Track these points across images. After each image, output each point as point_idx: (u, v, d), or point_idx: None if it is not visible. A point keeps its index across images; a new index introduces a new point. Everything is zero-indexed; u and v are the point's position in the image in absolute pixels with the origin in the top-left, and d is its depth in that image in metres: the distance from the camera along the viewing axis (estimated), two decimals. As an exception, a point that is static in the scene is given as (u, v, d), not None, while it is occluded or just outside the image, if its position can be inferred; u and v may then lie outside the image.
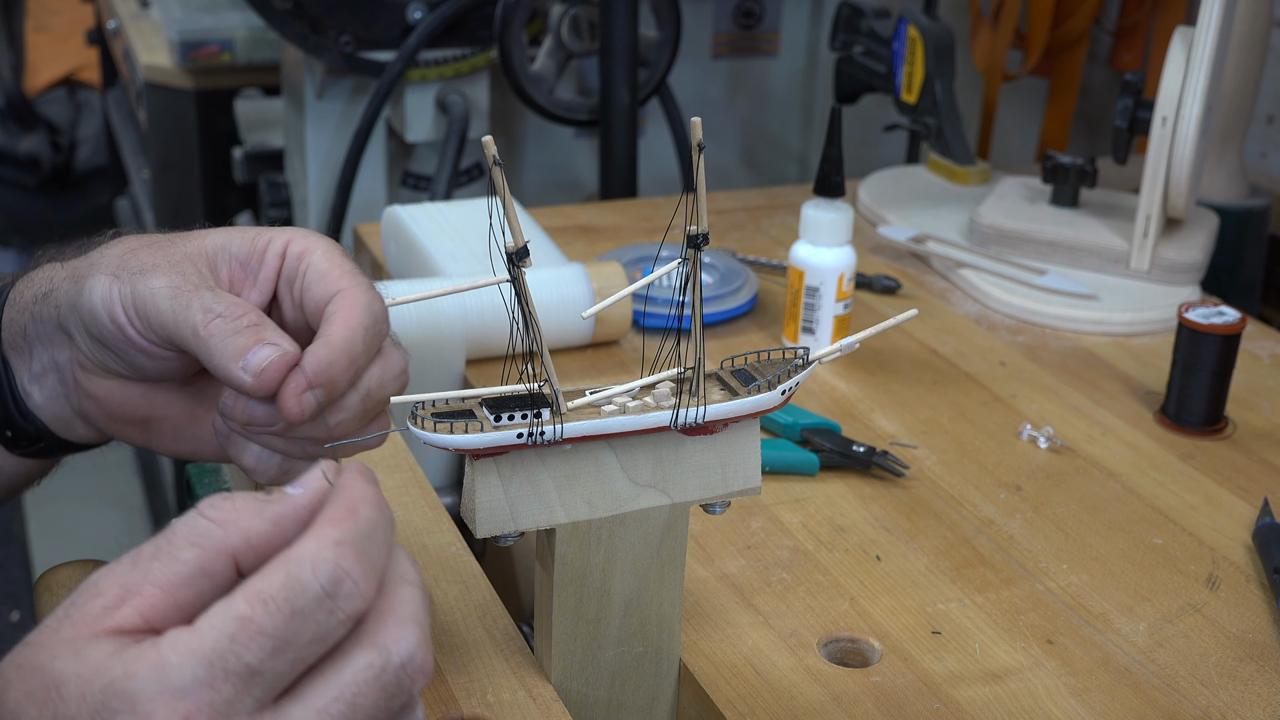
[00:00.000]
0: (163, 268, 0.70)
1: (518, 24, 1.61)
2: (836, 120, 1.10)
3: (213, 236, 0.73)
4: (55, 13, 3.50)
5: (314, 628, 0.51)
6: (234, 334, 0.66)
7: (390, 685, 0.53)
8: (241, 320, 0.67)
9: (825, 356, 0.71)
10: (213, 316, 0.67)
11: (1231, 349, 1.05)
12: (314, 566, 0.51)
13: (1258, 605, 0.87)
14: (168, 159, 2.18)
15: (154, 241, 0.72)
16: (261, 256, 0.72)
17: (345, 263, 0.71)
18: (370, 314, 0.69)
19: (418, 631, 0.54)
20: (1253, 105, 1.42)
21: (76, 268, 0.73)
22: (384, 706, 0.53)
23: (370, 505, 0.55)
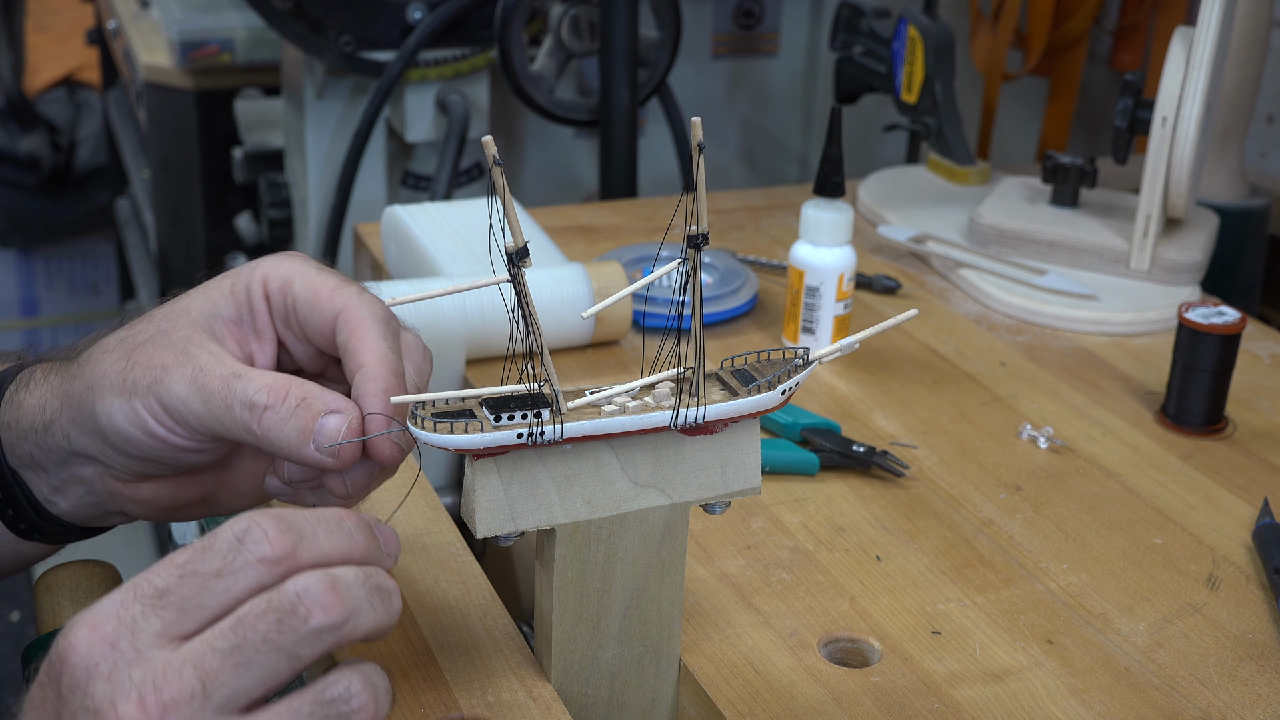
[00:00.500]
0: (173, 367, 0.67)
1: (518, 24, 1.61)
2: (836, 120, 1.10)
3: (196, 305, 0.70)
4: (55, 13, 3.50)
5: (218, 562, 0.56)
6: (288, 419, 0.65)
7: (278, 605, 0.56)
8: (289, 402, 0.66)
9: (825, 356, 0.71)
10: (260, 411, 0.65)
11: (1231, 349, 1.05)
12: (233, 523, 0.57)
13: (1258, 605, 0.87)
14: (168, 159, 2.18)
15: (144, 337, 0.69)
16: (250, 307, 0.70)
17: (325, 279, 0.70)
18: (379, 323, 0.68)
19: (321, 576, 0.57)
20: (1253, 105, 1.42)
21: (70, 392, 0.70)
22: (272, 627, 0.55)
23: (329, 510, 0.60)
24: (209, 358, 0.68)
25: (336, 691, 0.57)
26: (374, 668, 0.59)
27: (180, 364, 0.67)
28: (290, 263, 0.71)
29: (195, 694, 0.54)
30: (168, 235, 2.23)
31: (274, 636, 0.55)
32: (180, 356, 0.68)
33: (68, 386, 0.71)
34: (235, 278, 0.71)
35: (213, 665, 0.55)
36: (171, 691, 0.54)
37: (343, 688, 0.57)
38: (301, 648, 0.56)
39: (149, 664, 0.54)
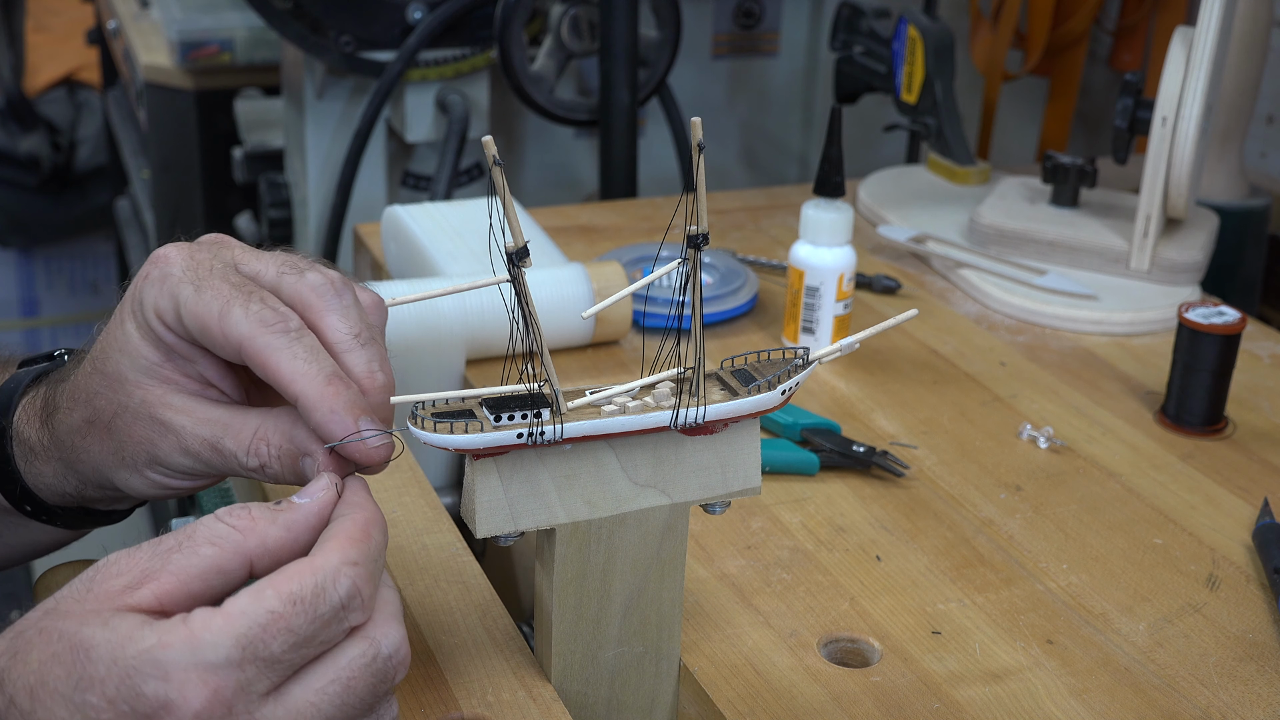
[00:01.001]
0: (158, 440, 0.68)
1: (518, 24, 1.61)
2: (836, 120, 1.10)
3: (123, 368, 0.68)
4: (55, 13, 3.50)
5: (326, 632, 0.58)
6: (281, 472, 0.67)
7: (379, 672, 0.59)
8: (271, 455, 0.67)
9: (825, 356, 0.71)
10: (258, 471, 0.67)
11: (1231, 349, 1.05)
12: (335, 580, 0.58)
13: (1258, 605, 0.87)
14: (168, 159, 2.18)
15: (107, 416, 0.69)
16: (167, 346, 0.68)
17: (206, 303, 0.66)
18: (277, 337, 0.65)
19: (402, 628, 0.60)
20: (1253, 105, 1.42)
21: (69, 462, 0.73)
22: (372, 690, 0.59)
23: (379, 529, 0.62)
24: (184, 419, 0.68)
25: (391, 715, 0.62)
26: None
27: (161, 435, 0.68)
28: (168, 287, 0.67)
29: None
30: (168, 235, 2.21)
31: (370, 698, 0.60)
32: (155, 427, 0.68)
33: (63, 455, 0.73)
34: (134, 318, 0.68)
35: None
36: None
37: (393, 711, 0.62)
38: (384, 700, 0.61)
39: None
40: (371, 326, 0.69)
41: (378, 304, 0.71)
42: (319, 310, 0.67)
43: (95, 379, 0.70)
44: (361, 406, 0.65)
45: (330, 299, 0.67)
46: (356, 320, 0.67)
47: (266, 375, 0.65)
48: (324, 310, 0.67)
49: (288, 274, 0.68)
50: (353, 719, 0.59)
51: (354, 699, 0.59)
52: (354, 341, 0.67)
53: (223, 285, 0.66)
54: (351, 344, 0.67)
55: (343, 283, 0.68)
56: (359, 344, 0.67)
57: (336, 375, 0.65)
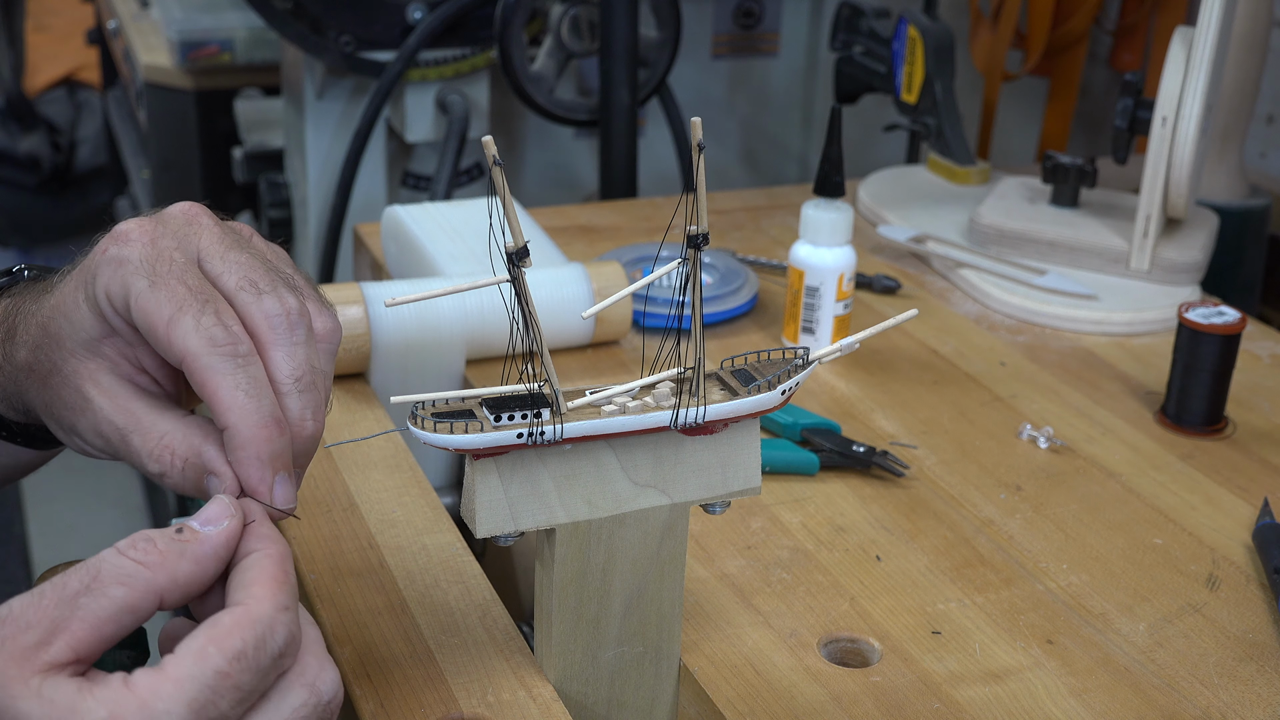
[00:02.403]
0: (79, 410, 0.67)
1: (518, 24, 1.61)
2: (836, 120, 1.10)
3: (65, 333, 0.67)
4: (55, 13, 3.50)
5: (265, 682, 0.58)
6: (183, 481, 0.65)
7: (322, 717, 0.59)
8: (176, 465, 0.65)
9: (825, 356, 0.71)
10: (160, 477, 0.66)
11: (1231, 349, 1.05)
12: (273, 631, 0.58)
13: (1258, 605, 0.87)
14: (168, 159, 2.18)
15: (44, 370, 0.68)
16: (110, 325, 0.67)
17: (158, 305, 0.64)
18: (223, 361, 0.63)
19: (334, 666, 0.60)
20: (1253, 105, 1.42)
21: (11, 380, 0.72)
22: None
23: (290, 562, 0.61)
24: (104, 400, 0.67)
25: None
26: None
27: (83, 407, 0.67)
28: (122, 273, 0.65)
29: None
30: (168, 235, 2.22)
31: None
32: (78, 399, 0.67)
33: (14, 382, 0.72)
34: (84, 288, 0.67)
35: None
36: None
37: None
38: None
39: None
40: (315, 369, 0.66)
41: (331, 332, 0.69)
42: (267, 342, 0.65)
43: (40, 333, 0.69)
44: (286, 460, 0.64)
45: (281, 333, 0.65)
46: (302, 361, 0.65)
47: (204, 396, 0.64)
48: (272, 344, 0.65)
49: (245, 291, 0.66)
50: None
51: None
52: (293, 385, 0.65)
53: (178, 286, 0.64)
54: (290, 387, 0.65)
55: (298, 315, 0.66)
56: (297, 389, 0.65)
57: (275, 419, 0.63)
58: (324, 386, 0.67)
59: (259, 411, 0.63)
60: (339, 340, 0.69)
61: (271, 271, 0.67)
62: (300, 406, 0.65)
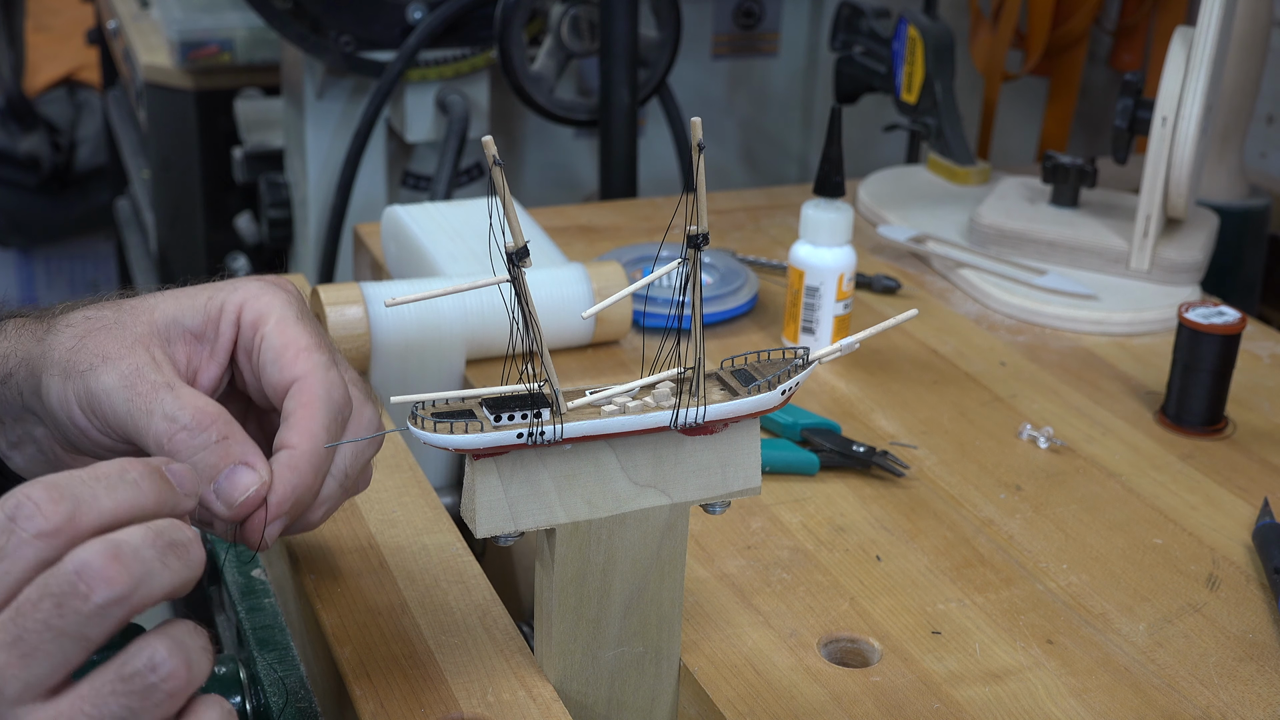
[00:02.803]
0: (113, 358, 0.65)
1: (518, 24, 1.61)
2: (836, 120, 1.10)
3: (163, 307, 0.69)
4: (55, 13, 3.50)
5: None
6: (202, 449, 0.63)
7: (56, 588, 0.52)
8: (210, 433, 0.63)
9: (825, 356, 0.71)
10: (176, 429, 0.63)
11: (1231, 349, 1.05)
12: (4, 500, 0.53)
13: (1258, 605, 0.87)
14: (168, 159, 2.18)
15: (103, 324, 0.68)
16: (216, 326, 0.69)
17: (301, 333, 0.68)
18: (329, 407, 0.66)
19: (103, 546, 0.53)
20: (1253, 105, 1.42)
21: (30, 354, 0.69)
22: (52, 611, 0.52)
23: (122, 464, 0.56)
24: (150, 361, 0.66)
25: (140, 663, 0.53)
26: (186, 627, 0.55)
27: (120, 356, 0.66)
28: (272, 297, 0.68)
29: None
30: (168, 235, 2.23)
31: (55, 621, 0.52)
32: (124, 349, 0.66)
33: (29, 348, 0.69)
34: (214, 292, 0.69)
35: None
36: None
37: (145, 658, 0.53)
38: (88, 627, 0.52)
39: None
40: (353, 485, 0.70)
41: (378, 444, 0.71)
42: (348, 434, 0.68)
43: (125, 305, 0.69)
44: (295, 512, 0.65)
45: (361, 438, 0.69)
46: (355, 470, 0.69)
47: (292, 412, 0.65)
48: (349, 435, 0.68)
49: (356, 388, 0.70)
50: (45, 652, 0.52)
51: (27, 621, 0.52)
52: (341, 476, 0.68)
53: (321, 338, 0.69)
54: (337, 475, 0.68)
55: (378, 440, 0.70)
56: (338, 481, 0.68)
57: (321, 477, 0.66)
58: (343, 499, 0.69)
59: (324, 463, 0.65)
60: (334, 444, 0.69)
61: (370, 390, 0.72)
62: (328, 494, 0.67)
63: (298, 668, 0.83)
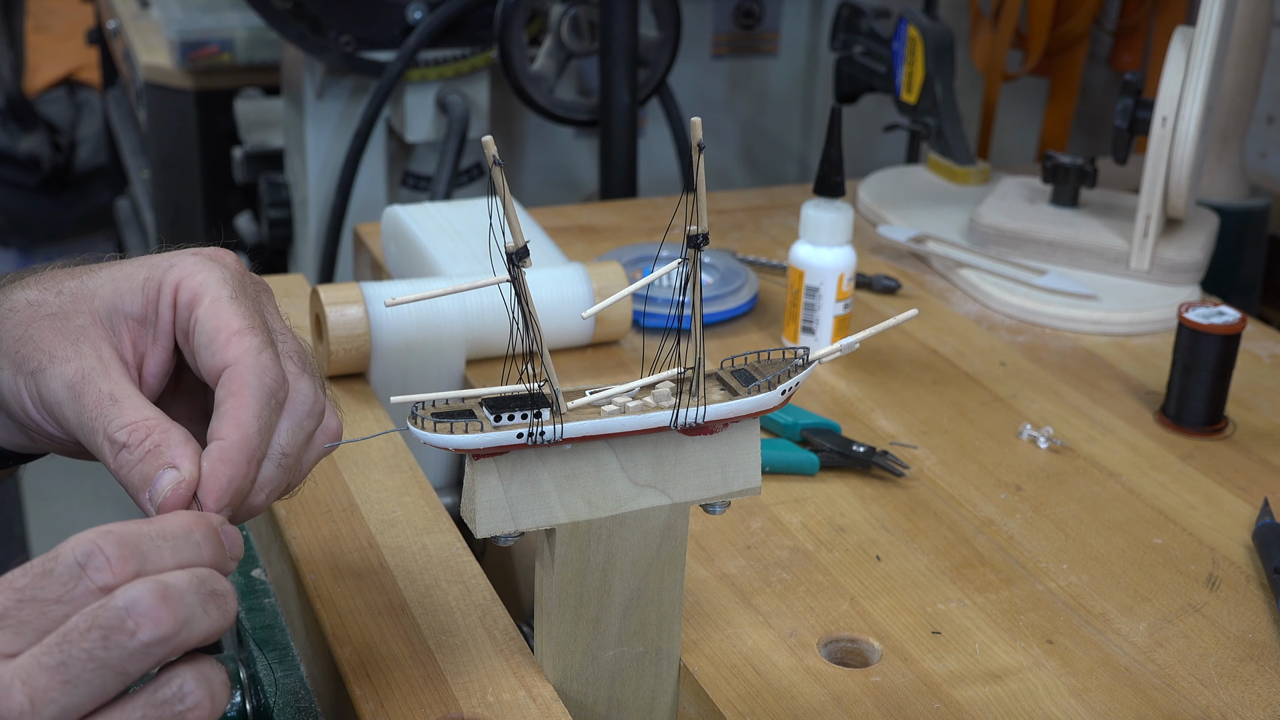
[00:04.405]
0: (60, 358, 0.65)
1: (518, 24, 1.61)
2: (836, 120, 1.10)
3: (102, 293, 0.67)
4: (55, 13, 3.50)
5: (58, 588, 0.55)
6: (137, 463, 0.63)
7: (104, 622, 0.54)
8: (144, 446, 0.63)
9: (825, 356, 0.71)
10: (117, 449, 0.63)
11: (1231, 349, 1.05)
12: (75, 545, 0.55)
13: (1258, 605, 0.87)
14: (168, 159, 2.18)
15: (46, 310, 0.67)
16: (155, 308, 0.67)
17: (235, 314, 0.66)
18: (261, 394, 0.64)
19: (151, 586, 0.55)
20: (1253, 105, 1.42)
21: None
22: (98, 644, 0.54)
23: (180, 521, 0.59)
24: (95, 362, 0.65)
25: (169, 692, 0.56)
26: (209, 661, 0.58)
27: (67, 357, 0.65)
28: (207, 274, 0.67)
29: (25, 712, 0.53)
30: (168, 235, 2.23)
31: (100, 653, 0.54)
32: (70, 348, 0.66)
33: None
34: (150, 270, 0.68)
35: (40, 683, 0.53)
36: (2, 709, 0.53)
37: (175, 687, 0.56)
38: (130, 663, 0.55)
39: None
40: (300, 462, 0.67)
41: (335, 432, 0.70)
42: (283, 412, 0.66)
43: (73, 281, 0.68)
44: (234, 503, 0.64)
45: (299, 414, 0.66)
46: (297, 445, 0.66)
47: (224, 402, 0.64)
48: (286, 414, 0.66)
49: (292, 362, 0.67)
50: (86, 681, 0.54)
51: (74, 650, 0.53)
52: (278, 457, 0.66)
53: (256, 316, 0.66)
54: (275, 456, 0.65)
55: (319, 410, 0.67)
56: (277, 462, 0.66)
57: (257, 465, 0.64)
58: (294, 480, 0.67)
59: (256, 449, 0.64)
60: (334, 444, 0.70)
61: (310, 361, 0.69)
62: (267, 478, 0.65)
63: (298, 668, 0.83)
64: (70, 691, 0.54)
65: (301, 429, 0.67)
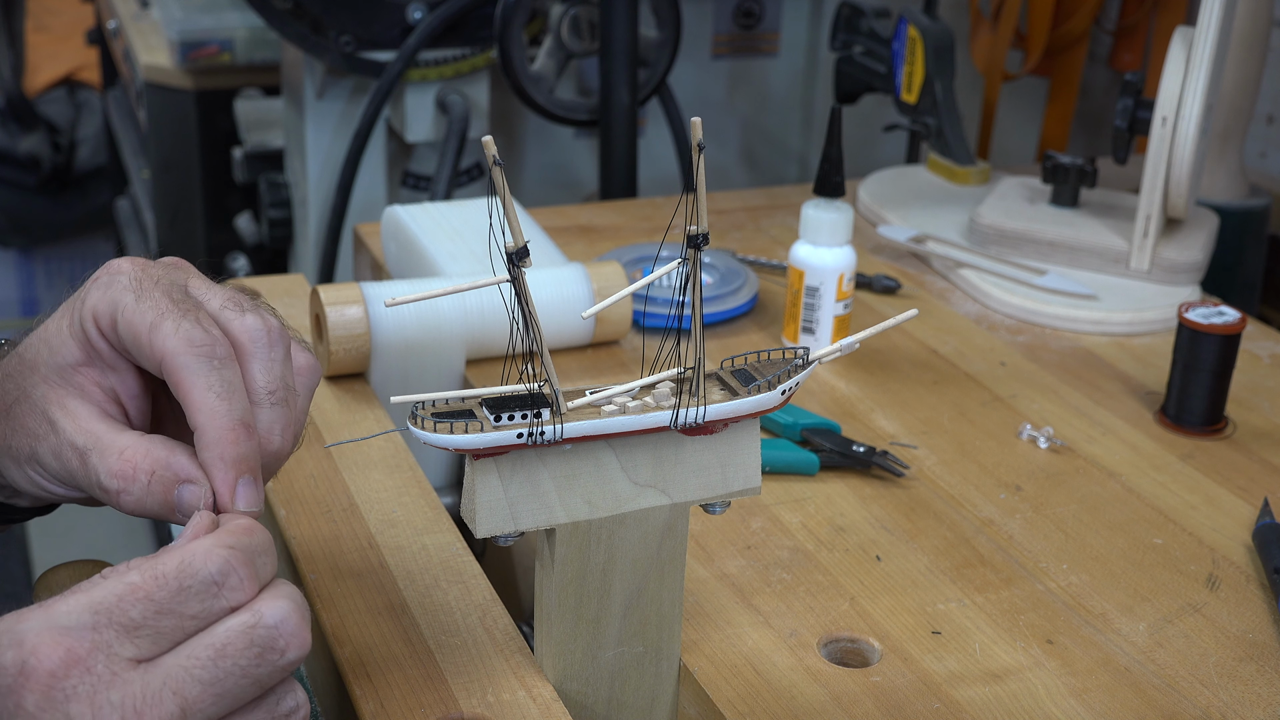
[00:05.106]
0: (41, 436, 0.66)
1: (518, 24, 1.61)
2: (836, 120, 1.10)
3: (42, 359, 0.68)
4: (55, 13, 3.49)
5: (197, 605, 0.57)
6: (146, 497, 0.64)
7: (260, 640, 0.58)
8: (140, 480, 0.64)
9: (825, 356, 0.71)
10: (116, 496, 0.64)
11: (1231, 349, 1.05)
12: (206, 558, 0.58)
13: (1258, 605, 0.87)
14: (168, 159, 2.18)
15: (10, 400, 0.68)
16: (92, 347, 0.67)
17: (142, 311, 0.65)
18: (195, 360, 0.64)
19: (293, 606, 0.59)
20: (1253, 105, 1.42)
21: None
22: (253, 661, 0.57)
23: (261, 531, 0.61)
24: (68, 422, 0.66)
25: (289, 704, 0.60)
26: (295, 680, 0.62)
27: (46, 432, 0.67)
28: (107, 290, 0.67)
29: (175, 719, 0.56)
30: (168, 235, 2.23)
31: (253, 670, 0.57)
32: (44, 423, 0.67)
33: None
34: (70, 315, 0.68)
35: (193, 694, 0.56)
36: (153, 717, 0.55)
37: (292, 701, 0.60)
38: (270, 679, 0.58)
39: (127, 686, 0.55)
40: (290, 388, 0.67)
41: (311, 367, 0.70)
42: (246, 355, 0.66)
43: (16, 362, 0.69)
44: (252, 465, 0.64)
45: (260, 347, 0.66)
46: (277, 377, 0.66)
47: (179, 396, 0.64)
48: (250, 356, 0.66)
49: (229, 309, 0.67)
50: (234, 694, 0.57)
51: (229, 665, 0.57)
52: (266, 398, 0.66)
53: (162, 299, 0.65)
54: (263, 399, 0.66)
55: (279, 334, 0.67)
56: (269, 402, 0.66)
57: (244, 423, 0.64)
58: (297, 409, 0.68)
59: (229, 414, 0.63)
60: (317, 379, 0.70)
61: (256, 301, 0.69)
62: (270, 420, 0.66)
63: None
64: (219, 703, 0.57)
65: (271, 360, 0.67)
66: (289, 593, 0.60)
